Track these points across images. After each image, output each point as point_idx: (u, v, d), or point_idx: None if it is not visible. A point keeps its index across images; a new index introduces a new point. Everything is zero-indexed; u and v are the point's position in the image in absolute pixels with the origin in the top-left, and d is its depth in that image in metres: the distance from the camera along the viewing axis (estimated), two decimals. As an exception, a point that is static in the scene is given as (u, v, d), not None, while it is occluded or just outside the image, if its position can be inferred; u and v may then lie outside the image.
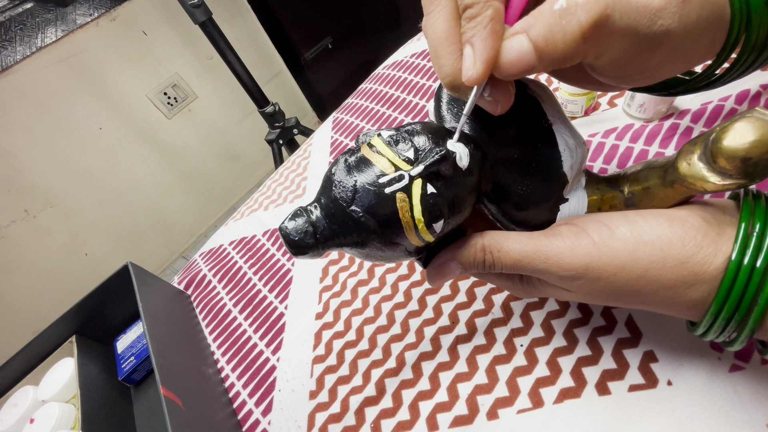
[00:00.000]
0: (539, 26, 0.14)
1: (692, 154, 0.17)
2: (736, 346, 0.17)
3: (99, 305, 0.45)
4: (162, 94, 1.38)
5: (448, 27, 0.16)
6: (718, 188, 0.16)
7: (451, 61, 0.16)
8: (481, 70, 0.15)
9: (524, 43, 0.15)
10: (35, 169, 1.18)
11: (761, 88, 0.32)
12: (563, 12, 0.14)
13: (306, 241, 0.18)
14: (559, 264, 0.18)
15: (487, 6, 0.15)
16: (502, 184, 0.21)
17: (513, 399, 0.27)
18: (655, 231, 0.17)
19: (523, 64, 0.15)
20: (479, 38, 0.15)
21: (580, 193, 0.22)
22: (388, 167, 0.18)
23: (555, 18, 0.14)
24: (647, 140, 0.35)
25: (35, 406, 0.41)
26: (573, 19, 0.14)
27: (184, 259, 1.58)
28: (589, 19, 0.14)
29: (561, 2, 0.14)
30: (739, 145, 0.14)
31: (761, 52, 0.17)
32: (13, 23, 1.08)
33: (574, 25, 0.14)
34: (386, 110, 0.58)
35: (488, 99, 0.17)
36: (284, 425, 0.34)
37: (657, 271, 0.16)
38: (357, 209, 0.18)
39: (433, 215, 0.18)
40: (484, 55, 0.15)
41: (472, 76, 0.15)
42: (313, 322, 0.40)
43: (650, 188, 0.20)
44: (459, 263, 0.20)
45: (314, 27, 1.62)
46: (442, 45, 0.16)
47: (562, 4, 0.14)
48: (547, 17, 0.14)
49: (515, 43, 0.15)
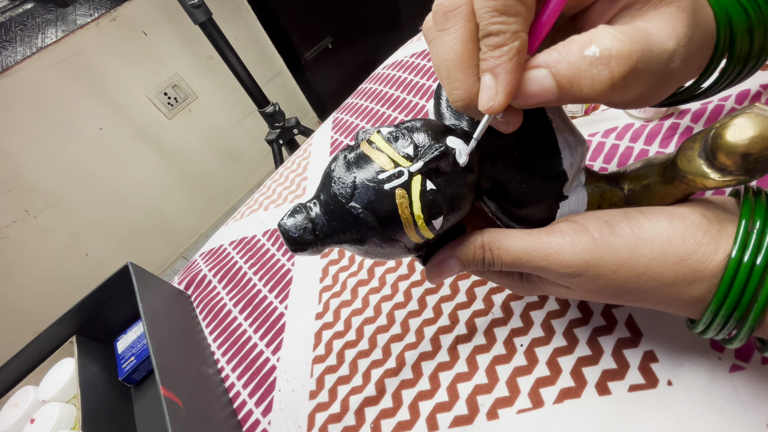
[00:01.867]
0: (566, 67, 0.14)
1: (692, 151, 0.17)
2: (736, 343, 0.17)
3: (99, 305, 0.45)
4: (162, 94, 1.38)
5: (465, 50, 0.16)
6: (718, 185, 0.16)
7: (467, 85, 0.16)
8: (503, 102, 0.15)
9: (548, 79, 0.14)
10: (36, 170, 1.18)
11: (761, 87, 0.32)
12: (595, 61, 0.14)
13: (305, 237, 0.18)
14: (559, 261, 0.18)
15: (514, 38, 0.14)
16: (501, 181, 0.21)
17: (513, 399, 0.27)
18: (656, 228, 0.17)
19: (543, 99, 0.15)
20: (503, 70, 0.14)
21: (579, 191, 0.22)
22: (388, 163, 0.18)
23: (585, 64, 0.14)
24: (647, 140, 0.35)
25: (36, 406, 0.41)
26: (605, 70, 0.14)
27: (185, 260, 1.58)
28: (621, 73, 0.14)
29: (594, 49, 0.14)
30: (739, 140, 0.14)
31: (744, 65, 0.18)
32: (14, 24, 1.08)
33: (604, 76, 0.14)
34: (386, 110, 0.58)
35: (500, 120, 0.17)
36: (284, 425, 0.34)
37: (657, 269, 0.16)
38: (356, 205, 0.17)
39: (433, 212, 0.18)
40: (507, 88, 0.15)
41: (493, 107, 0.15)
42: (313, 322, 0.40)
43: (650, 185, 0.20)
44: (458, 261, 0.20)
45: (314, 27, 1.62)
46: (456, 67, 0.16)
47: (594, 52, 0.14)
48: (575, 59, 0.14)
49: (538, 76, 0.15)
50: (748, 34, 0.17)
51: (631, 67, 0.14)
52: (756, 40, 0.17)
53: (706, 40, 0.16)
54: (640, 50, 0.14)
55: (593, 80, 0.14)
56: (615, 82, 0.14)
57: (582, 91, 0.14)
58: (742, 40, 0.17)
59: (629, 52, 0.14)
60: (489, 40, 0.15)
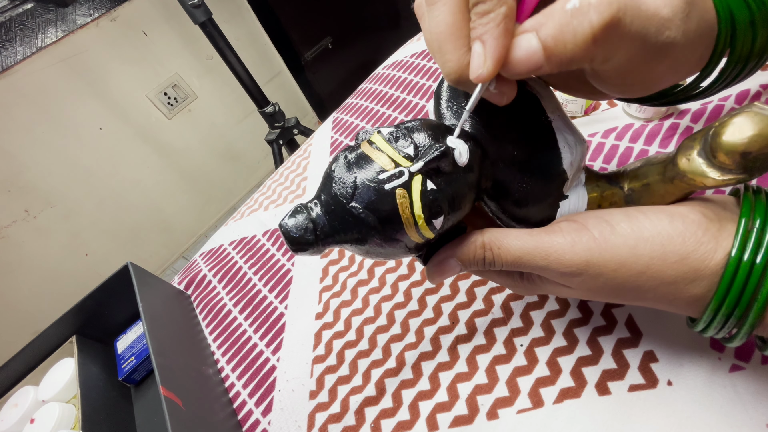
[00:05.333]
0: (549, 25, 0.14)
1: (692, 150, 0.17)
2: (736, 342, 0.17)
3: (99, 305, 0.45)
4: (162, 94, 1.38)
5: (455, 21, 0.15)
6: (717, 183, 0.16)
7: (457, 57, 0.16)
8: (492, 69, 0.15)
9: (533, 42, 0.14)
10: (35, 170, 1.18)
11: (761, 88, 0.32)
12: (575, 12, 0.14)
13: (306, 237, 0.18)
14: (559, 260, 0.18)
15: (500, 3, 0.14)
16: (501, 181, 0.21)
17: (513, 399, 0.27)
18: (656, 227, 0.17)
19: (531, 64, 0.15)
20: (491, 36, 0.14)
21: (579, 190, 0.22)
22: (388, 164, 0.18)
23: (566, 17, 0.14)
24: (647, 140, 0.35)
25: (35, 406, 0.41)
26: (584, 19, 0.14)
27: (185, 260, 1.58)
28: (600, 20, 0.13)
29: (573, 2, 0.14)
30: (738, 139, 0.14)
31: (745, 64, 0.18)
32: (14, 23, 1.08)
33: (585, 26, 0.14)
34: (386, 110, 0.58)
35: (493, 91, 0.17)
36: (284, 425, 0.34)
37: (658, 267, 0.16)
38: (357, 205, 0.17)
39: (433, 211, 0.18)
40: (495, 53, 0.14)
41: (482, 75, 0.15)
42: (313, 322, 0.40)
43: (650, 184, 0.20)
44: (459, 260, 0.20)
45: (314, 27, 1.63)
46: (447, 39, 0.16)
47: (574, 3, 0.14)
48: (558, 16, 0.14)
49: (524, 41, 0.14)
50: (751, 29, 0.16)
51: (612, 15, 0.13)
52: (758, 38, 0.17)
53: (706, 28, 0.16)
54: (624, 0, 0.14)
55: (575, 32, 0.14)
56: (596, 31, 0.14)
57: (566, 48, 0.14)
58: (744, 36, 0.16)
59: (609, 1, 0.13)
60: (477, 8, 0.15)
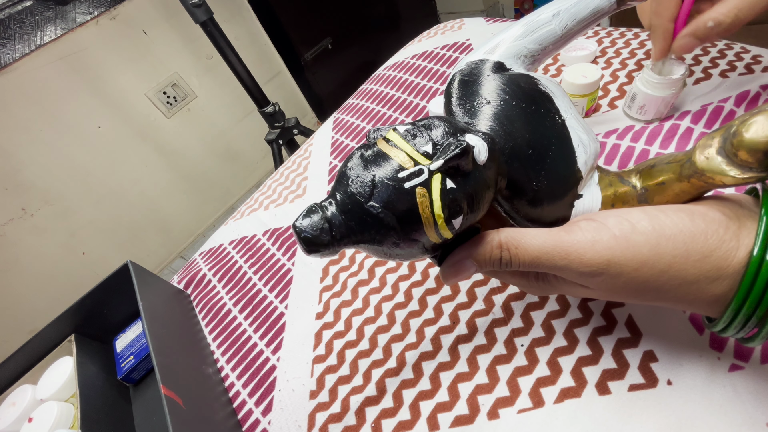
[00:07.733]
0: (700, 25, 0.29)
1: (710, 148, 0.17)
2: (756, 341, 0.17)
3: (98, 304, 0.45)
4: (161, 93, 1.37)
5: None
6: (737, 182, 0.16)
7: None
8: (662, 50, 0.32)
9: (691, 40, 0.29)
10: (33, 168, 1.17)
11: (761, 89, 0.33)
12: None
13: (322, 238, 0.17)
14: (580, 260, 0.17)
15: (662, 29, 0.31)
16: (516, 180, 0.20)
17: (513, 399, 0.27)
18: (677, 225, 0.17)
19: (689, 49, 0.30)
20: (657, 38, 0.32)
21: (593, 189, 0.21)
22: (407, 161, 0.17)
23: None
24: (647, 141, 0.35)
25: (34, 405, 0.41)
26: None
27: (183, 259, 1.58)
28: None
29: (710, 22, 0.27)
30: (762, 137, 0.14)
31: None
32: (13, 21, 1.07)
33: None
34: (387, 110, 0.58)
35: None
36: (284, 425, 0.34)
37: (680, 266, 0.16)
38: (376, 205, 0.17)
39: (453, 211, 0.17)
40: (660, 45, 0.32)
41: None
42: (314, 321, 0.40)
43: (665, 183, 0.19)
44: (475, 261, 0.20)
45: (314, 27, 1.62)
46: None
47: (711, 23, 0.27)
48: None
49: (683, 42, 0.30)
50: None
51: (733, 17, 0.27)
52: None
53: None
54: None
55: None
56: None
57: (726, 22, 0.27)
58: None
59: None
60: None
